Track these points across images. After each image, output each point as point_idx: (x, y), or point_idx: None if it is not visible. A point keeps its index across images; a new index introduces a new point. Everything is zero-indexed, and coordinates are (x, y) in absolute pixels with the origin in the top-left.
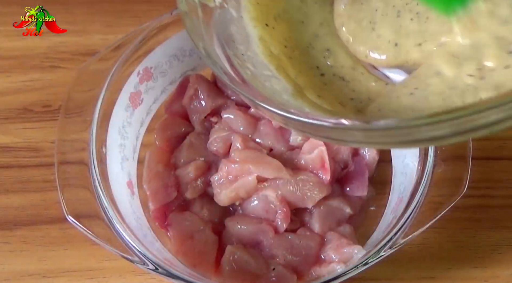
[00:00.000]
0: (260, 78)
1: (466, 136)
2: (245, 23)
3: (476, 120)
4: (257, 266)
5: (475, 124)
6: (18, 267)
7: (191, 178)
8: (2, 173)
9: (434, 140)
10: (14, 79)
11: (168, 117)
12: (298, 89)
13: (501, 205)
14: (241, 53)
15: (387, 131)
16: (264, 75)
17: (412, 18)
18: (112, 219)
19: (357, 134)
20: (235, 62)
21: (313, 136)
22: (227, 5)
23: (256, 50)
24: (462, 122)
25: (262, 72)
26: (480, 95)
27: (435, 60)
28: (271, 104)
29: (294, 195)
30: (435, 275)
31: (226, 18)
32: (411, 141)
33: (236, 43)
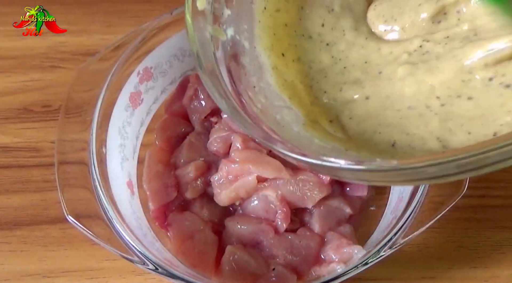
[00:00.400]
0: (271, 110)
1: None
2: (257, 53)
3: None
4: (257, 266)
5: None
6: (18, 267)
7: (191, 178)
8: (2, 173)
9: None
10: (14, 79)
11: (168, 117)
12: (311, 118)
13: (501, 205)
14: (253, 85)
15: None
16: (276, 106)
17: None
18: (112, 219)
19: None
20: (245, 97)
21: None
22: (239, 37)
23: (269, 80)
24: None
25: (274, 103)
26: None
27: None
28: (282, 147)
29: (294, 195)
30: (435, 275)
31: (237, 51)
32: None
33: (248, 75)
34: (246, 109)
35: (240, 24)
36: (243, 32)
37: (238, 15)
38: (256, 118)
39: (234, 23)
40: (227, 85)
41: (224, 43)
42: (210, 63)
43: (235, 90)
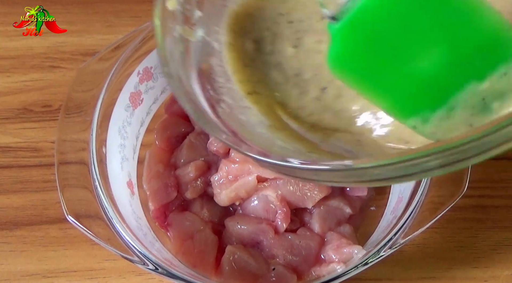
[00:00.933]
0: (236, 111)
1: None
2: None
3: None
4: (257, 266)
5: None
6: (18, 267)
7: (191, 178)
8: (2, 173)
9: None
10: (14, 79)
11: (168, 117)
12: (274, 121)
13: (501, 205)
14: (219, 86)
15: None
16: (241, 107)
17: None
18: (112, 219)
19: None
20: (213, 98)
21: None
22: (210, 38)
23: (233, 81)
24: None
25: (239, 104)
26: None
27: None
28: (242, 147)
29: (294, 195)
30: (435, 275)
31: (206, 51)
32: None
33: (215, 76)
34: (215, 111)
35: (211, 25)
36: (214, 34)
37: (209, 16)
38: (223, 120)
39: (204, 25)
40: (195, 87)
41: (194, 44)
42: (177, 65)
43: (204, 92)
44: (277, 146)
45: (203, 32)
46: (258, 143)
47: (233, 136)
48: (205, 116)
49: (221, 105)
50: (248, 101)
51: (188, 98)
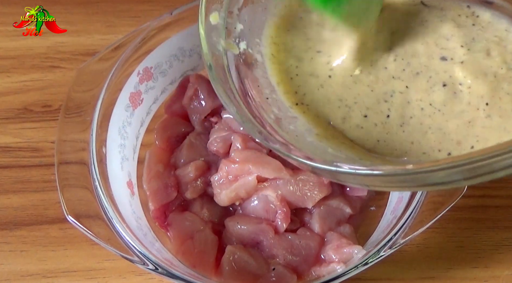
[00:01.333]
0: (284, 121)
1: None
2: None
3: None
4: (257, 266)
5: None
6: (18, 267)
7: (191, 178)
8: (2, 173)
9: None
10: (14, 79)
11: (168, 117)
12: (322, 130)
13: (501, 205)
14: (266, 97)
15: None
16: (289, 117)
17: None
18: (112, 219)
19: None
20: (259, 109)
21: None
22: (252, 50)
23: (278, 92)
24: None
25: (287, 114)
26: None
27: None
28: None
29: (294, 195)
30: (435, 275)
31: (250, 64)
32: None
33: (261, 87)
34: (261, 121)
35: (253, 38)
36: (256, 46)
37: (250, 30)
38: (271, 129)
39: (246, 37)
40: (240, 97)
41: (237, 56)
42: (223, 77)
43: (248, 102)
44: (329, 154)
45: (246, 45)
46: (308, 151)
47: (285, 144)
48: (255, 125)
49: (269, 115)
50: (294, 111)
51: (237, 107)
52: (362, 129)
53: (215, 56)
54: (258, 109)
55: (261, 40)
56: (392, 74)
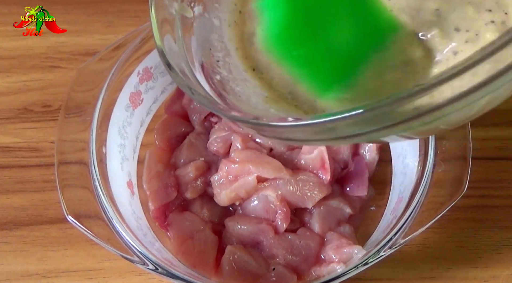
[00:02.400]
0: (232, 82)
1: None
2: (225, 31)
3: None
4: (257, 266)
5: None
6: (18, 267)
7: (191, 178)
8: (2, 173)
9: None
10: (14, 79)
11: (168, 117)
12: (273, 94)
13: (501, 205)
14: (217, 59)
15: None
16: (239, 79)
17: None
18: (112, 219)
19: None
20: (206, 69)
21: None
22: (209, 15)
23: (234, 57)
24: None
25: (238, 76)
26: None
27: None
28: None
29: (294, 195)
30: (435, 275)
31: (205, 27)
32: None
33: (213, 50)
34: (209, 82)
35: (211, 2)
36: (214, 11)
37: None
38: (216, 90)
39: (203, 1)
40: (186, 56)
41: (190, 19)
42: (170, 39)
43: (197, 62)
44: (271, 114)
45: (201, 9)
46: (248, 110)
47: (224, 104)
48: (199, 89)
49: (216, 77)
50: (248, 75)
51: (182, 73)
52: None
53: (163, 19)
54: (205, 71)
55: (221, 5)
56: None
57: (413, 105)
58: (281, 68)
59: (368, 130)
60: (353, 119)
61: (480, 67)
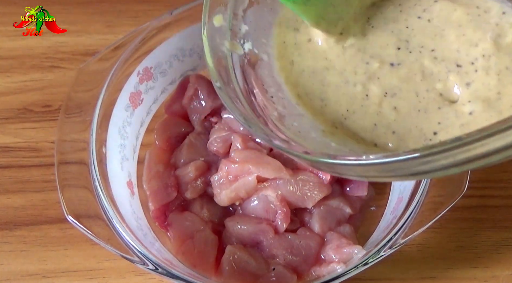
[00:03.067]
0: (288, 118)
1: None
2: (274, 66)
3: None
4: (257, 266)
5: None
6: (18, 267)
7: (191, 178)
8: (2, 173)
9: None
10: (14, 79)
11: (168, 117)
12: (329, 128)
13: (501, 205)
14: (271, 95)
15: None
16: (294, 115)
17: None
18: (112, 219)
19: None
20: (262, 106)
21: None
22: (258, 50)
23: (285, 92)
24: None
25: (292, 112)
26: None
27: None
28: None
29: (294, 195)
30: (435, 275)
31: (255, 63)
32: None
33: (266, 86)
34: (264, 120)
35: (259, 38)
36: (262, 46)
37: (256, 30)
38: (273, 126)
39: (251, 38)
40: (244, 98)
41: (242, 56)
42: (227, 78)
43: (252, 101)
44: (332, 149)
45: (251, 45)
46: (310, 146)
47: (287, 142)
48: (259, 125)
49: (273, 113)
50: (300, 107)
51: (240, 108)
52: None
53: (218, 58)
54: (261, 108)
55: (268, 40)
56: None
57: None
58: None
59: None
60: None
61: None
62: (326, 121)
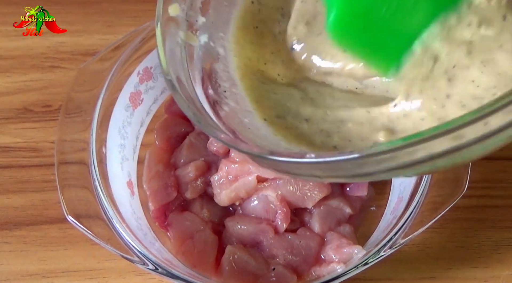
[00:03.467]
0: (240, 114)
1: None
2: (230, 60)
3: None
4: (257, 266)
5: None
6: (18, 267)
7: (191, 178)
8: (2, 173)
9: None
10: (14, 79)
11: (168, 117)
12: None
13: (501, 205)
14: (223, 90)
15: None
16: (246, 110)
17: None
18: (112, 219)
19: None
20: (215, 101)
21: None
22: (214, 44)
23: (240, 88)
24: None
25: (244, 108)
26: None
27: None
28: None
29: (294, 195)
30: (435, 275)
31: (211, 57)
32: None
33: (219, 80)
34: (216, 113)
35: (216, 31)
36: (219, 40)
37: (213, 23)
38: (224, 122)
39: (208, 30)
40: (197, 89)
41: (196, 48)
42: (179, 68)
43: (207, 94)
44: (281, 147)
45: (207, 38)
46: (260, 144)
47: (233, 136)
48: (205, 118)
49: (224, 107)
50: (254, 106)
51: (189, 101)
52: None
53: (171, 50)
54: (213, 103)
55: (226, 34)
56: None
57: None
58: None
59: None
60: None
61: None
62: (270, 113)
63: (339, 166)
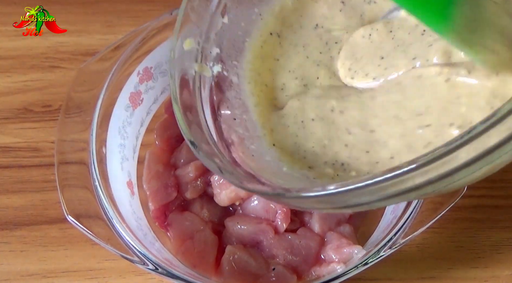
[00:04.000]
0: (247, 141)
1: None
2: (244, 88)
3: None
4: (257, 266)
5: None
6: (18, 267)
7: (191, 178)
8: (2, 173)
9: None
10: (14, 79)
11: (168, 117)
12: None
13: (501, 205)
14: (234, 117)
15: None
16: (255, 137)
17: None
18: (112, 219)
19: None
20: (223, 127)
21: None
22: (228, 73)
23: (252, 115)
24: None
25: (254, 134)
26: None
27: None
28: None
29: None
30: (435, 275)
31: (223, 85)
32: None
33: (231, 107)
34: (222, 138)
35: (230, 61)
36: (233, 68)
37: (227, 53)
38: (230, 150)
39: (222, 60)
40: (208, 120)
41: (209, 79)
42: (192, 101)
43: (216, 124)
44: (282, 173)
45: (220, 68)
46: (261, 170)
47: (246, 174)
48: (225, 166)
49: (232, 136)
50: (265, 131)
51: (213, 156)
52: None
53: (184, 83)
54: (222, 130)
55: (240, 62)
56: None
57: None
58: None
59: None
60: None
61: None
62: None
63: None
